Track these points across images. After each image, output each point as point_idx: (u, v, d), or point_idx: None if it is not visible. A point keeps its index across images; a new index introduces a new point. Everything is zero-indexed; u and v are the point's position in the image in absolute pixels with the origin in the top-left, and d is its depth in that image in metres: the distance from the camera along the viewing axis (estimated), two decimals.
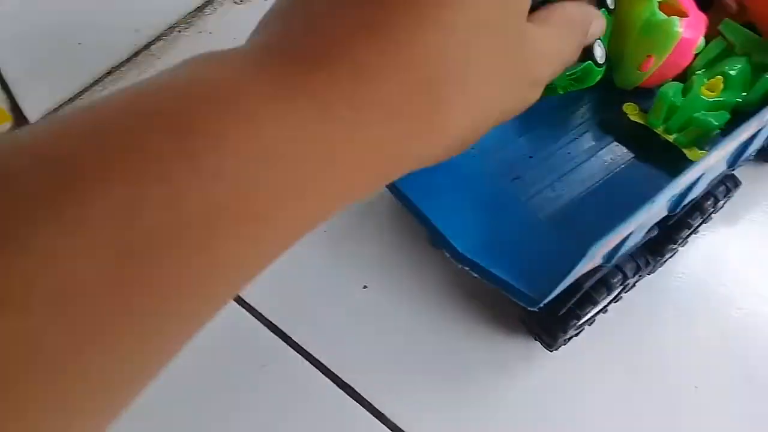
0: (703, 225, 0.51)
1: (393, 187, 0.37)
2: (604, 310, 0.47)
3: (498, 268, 0.33)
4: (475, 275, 0.34)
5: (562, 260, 0.31)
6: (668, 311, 0.49)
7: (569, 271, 0.30)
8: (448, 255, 0.36)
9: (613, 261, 0.37)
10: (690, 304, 0.50)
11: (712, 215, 0.50)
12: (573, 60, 0.28)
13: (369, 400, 0.45)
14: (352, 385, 0.46)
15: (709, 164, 0.35)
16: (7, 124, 0.52)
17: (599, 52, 0.33)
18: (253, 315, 0.48)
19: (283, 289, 0.49)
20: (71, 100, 0.57)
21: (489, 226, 0.36)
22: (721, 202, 0.46)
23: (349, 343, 0.47)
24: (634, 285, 0.47)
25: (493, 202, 0.38)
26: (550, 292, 0.31)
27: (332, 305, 0.49)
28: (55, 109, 0.56)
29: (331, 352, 0.47)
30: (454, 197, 0.37)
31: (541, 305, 0.32)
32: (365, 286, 0.50)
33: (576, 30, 0.28)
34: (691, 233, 0.49)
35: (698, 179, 0.36)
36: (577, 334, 0.47)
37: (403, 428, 0.44)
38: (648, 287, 0.49)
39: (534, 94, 0.25)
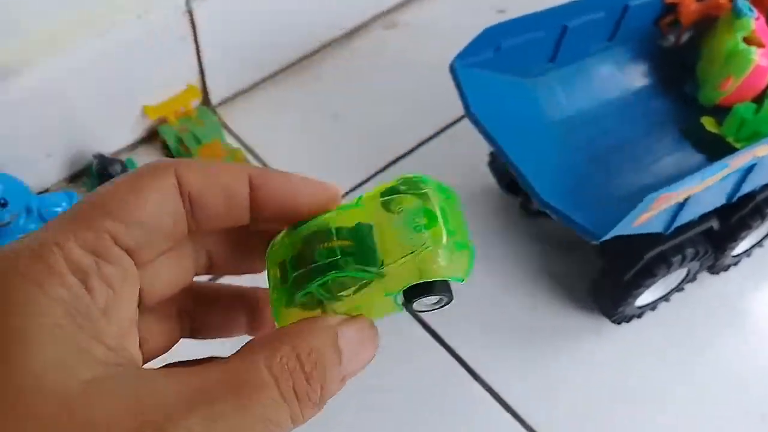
0: None
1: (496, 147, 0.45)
2: (666, 298, 0.54)
3: (573, 212, 0.42)
4: (553, 217, 0.43)
5: (625, 209, 0.39)
6: (724, 311, 0.56)
7: (627, 213, 0.39)
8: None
9: (671, 229, 0.45)
10: (744, 307, 0.56)
11: None
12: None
13: (454, 348, 0.54)
14: (438, 333, 0.54)
15: (758, 154, 0.42)
16: (197, 101, 0.66)
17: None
18: None
19: None
20: (246, 90, 0.70)
21: (569, 179, 0.46)
22: None
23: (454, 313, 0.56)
24: (695, 277, 0.53)
25: (573, 164, 0.48)
26: (611, 229, 0.40)
27: None
28: (232, 97, 0.70)
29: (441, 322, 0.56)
30: (543, 154, 0.47)
31: (601, 240, 0.41)
32: None
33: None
34: (756, 238, 0.55)
35: (752, 168, 0.43)
36: (639, 315, 0.54)
37: (477, 371, 0.52)
38: (710, 284, 0.56)
39: None
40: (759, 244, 0.56)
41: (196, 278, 0.23)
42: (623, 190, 0.48)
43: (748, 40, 0.50)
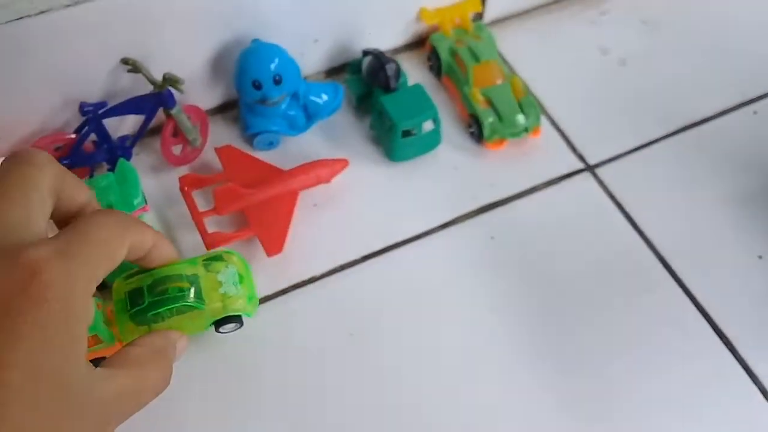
0: None
1: None
2: None
3: None
4: None
5: None
6: None
7: None
8: None
9: None
10: None
11: None
12: (164, 387, 0.32)
13: (741, 354, 0.45)
14: (728, 335, 0.46)
15: None
16: (474, 13, 0.59)
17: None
18: (650, 248, 0.50)
19: (684, 234, 0.50)
20: (522, 13, 0.63)
21: None
22: None
23: (735, 301, 0.47)
24: None
25: None
26: None
27: (726, 265, 0.49)
28: (506, 17, 0.62)
29: (714, 302, 0.47)
30: None
31: None
32: (760, 257, 0.50)
33: (160, 362, 0.33)
34: None
35: None
36: None
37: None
38: None
39: None
40: None
41: None
42: None
43: None
